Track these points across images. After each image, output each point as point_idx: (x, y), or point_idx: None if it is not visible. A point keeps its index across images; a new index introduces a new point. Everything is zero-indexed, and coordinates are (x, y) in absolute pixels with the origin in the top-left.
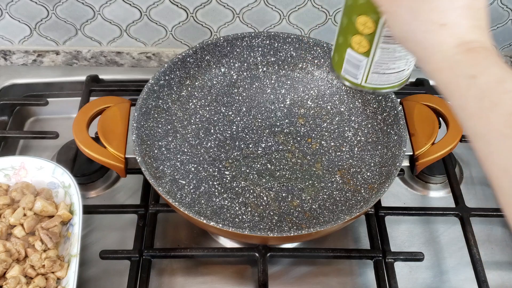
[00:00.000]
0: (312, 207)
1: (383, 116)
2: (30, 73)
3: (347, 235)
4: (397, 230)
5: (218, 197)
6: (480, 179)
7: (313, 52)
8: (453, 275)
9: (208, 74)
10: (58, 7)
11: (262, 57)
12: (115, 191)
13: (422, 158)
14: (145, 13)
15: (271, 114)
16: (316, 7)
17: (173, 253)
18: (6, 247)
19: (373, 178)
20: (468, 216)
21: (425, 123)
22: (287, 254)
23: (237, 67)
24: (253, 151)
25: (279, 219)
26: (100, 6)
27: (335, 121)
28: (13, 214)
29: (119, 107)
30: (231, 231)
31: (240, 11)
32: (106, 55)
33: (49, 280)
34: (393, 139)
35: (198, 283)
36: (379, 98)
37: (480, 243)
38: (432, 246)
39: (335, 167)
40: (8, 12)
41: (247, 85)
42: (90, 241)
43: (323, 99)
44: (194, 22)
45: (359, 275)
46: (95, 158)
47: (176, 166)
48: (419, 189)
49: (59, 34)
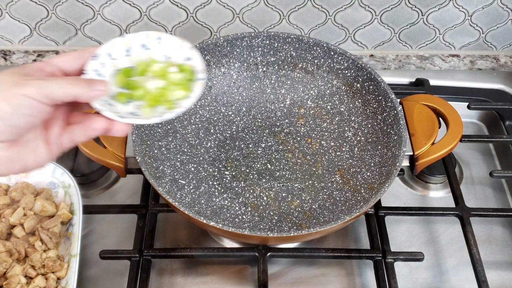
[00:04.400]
0: (312, 207)
1: (383, 116)
2: None
3: (347, 235)
4: (397, 230)
5: (218, 197)
6: (480, 179)
7: (313, 52)
8: (453, 275)
9: (208, 74)
10: (58, 7)
11: (262, 57)
12: (115, 191)
13: (422, 158)
14: (145, 13)
15: (271, 114)
16: (316, 7)
17: (173, 253)
18: (6, 247)
19: (373, 178)
20: (468, 216)
21: (425, 123)
22: (287, 254)
23: (237, 67)
24: (253, 151)
25: (279, 219)
26: (100, 6)
27: (335, 121)
28: (13, 214)
29: None
30: (231, 231)
31: (240, 11)
32: None
33: (49, 280)
34: (393, 139)
35: (198, 283)
36: (379, 98)
37: (480, 243)
38: (432, 246)
39: (335, 167)
40: (8, 12)
41: (247, 85)
42: (90, 241)
43: (323, 99)
44: (194, 22)
45: (359, 275)
46: (95, 158)
47: (176, 166)
48: (419, 189)
49: (59, 34)
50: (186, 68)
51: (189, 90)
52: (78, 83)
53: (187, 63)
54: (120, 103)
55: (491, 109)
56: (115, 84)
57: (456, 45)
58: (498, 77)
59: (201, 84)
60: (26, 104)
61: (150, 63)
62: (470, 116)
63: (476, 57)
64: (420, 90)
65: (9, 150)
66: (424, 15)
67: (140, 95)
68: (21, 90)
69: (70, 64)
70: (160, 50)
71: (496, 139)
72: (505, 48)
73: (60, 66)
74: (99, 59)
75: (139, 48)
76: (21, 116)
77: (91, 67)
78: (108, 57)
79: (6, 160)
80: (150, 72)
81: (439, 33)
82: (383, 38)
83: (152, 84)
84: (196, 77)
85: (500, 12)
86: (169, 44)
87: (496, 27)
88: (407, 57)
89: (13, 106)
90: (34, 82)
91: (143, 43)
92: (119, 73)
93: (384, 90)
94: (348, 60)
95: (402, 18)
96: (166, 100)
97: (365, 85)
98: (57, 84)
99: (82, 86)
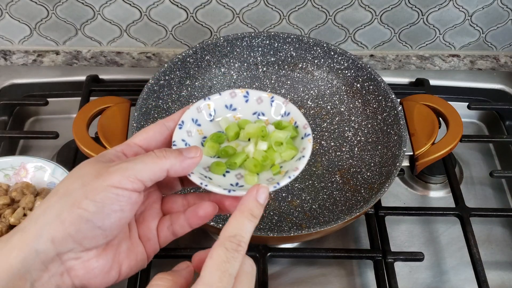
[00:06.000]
0: (312, 207)
1: (383, 116)
2: (30, 73)
3: (347, 235)
4: (397, 230)
5: None
6: (480, 179)
7: (313, 52)
8: (453, 275)
9: (208, 74)
10: (58, 7)
11: (262, 57)
12: None
13: (422, 158)
14: (145, 13)
15: None
16: (316, 7)
17: (173, 253)
18: None
19: (373, 178)
20: (468, 216)
21: (425, 123)
22: (287, 254)
23: (237, 67)
24: None
25: (279, 219)
26: (100, 6)
27: (335, 121)
28: (13, 214)
29: (119, 107)
30: None
31: (240, 11)
32: (106, 55)
33: None
34: (393, 139)
35: None
36: (379, 98)
37: (480, 243)
38: (432, 246)
39: (335, 167)
40: (8, 12)
41: (247, 85)
42: None
43: (323, 99)
44: (194, 22)
45: (359, 275)
46: None
47: None
48: (419, 189)
49: (59, 34)
50: (287, 125)
51: (297, 149)
52: (166, 154)
53: (285, 119)
54: (218, 175)
55: (491, 109)
56: (207, 154)
57: (456, 45)
58: (498, 77)
59: (310, 140)
60: (113, 196)
61: (242, 125)
62: (470, 116)
63: (476, 57)
64: (420, 90)
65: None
66: (424, 15)
67: (241, 162)
68: (104, 181)
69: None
70: (249, 109)
71: (496, 139)
72: (505, 48)
73: (143, 144)
74: (184, 128)
75: (224, 109)
76: (109, 213)
77: (179, 137)
78: (193, 123)
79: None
80: (245, 135)
81: (439, 33)
82: (383, 38)
83: (252, 148)
84: (302, 134)
85: (500, 12)
86: (259, 100)
87: (496, 27)
88: (407, 57)
89: (98, 203)
90: (117, 167)
91: (228, 104)
92: (209, 141)
93: (384, 90)
94: (348, 60)
95: (402, 18)
96: (271, 164)
97: (365, 85)
98: (143, 162)
99: (173, 156)
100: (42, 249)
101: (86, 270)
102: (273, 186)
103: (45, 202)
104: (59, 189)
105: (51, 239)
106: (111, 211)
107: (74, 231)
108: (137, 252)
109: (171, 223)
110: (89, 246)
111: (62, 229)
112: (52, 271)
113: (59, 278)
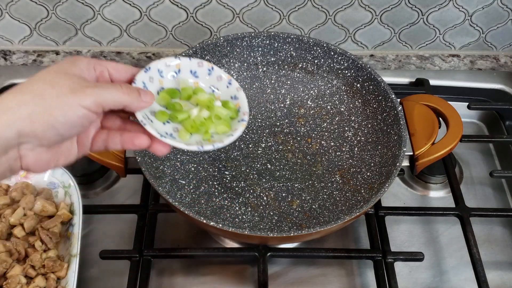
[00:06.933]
0: (312, 207)
1: (383, 116)
2: (30, 73)
3: (347, 235)
4: (397, 230)
5: (218, 197)
6: (480, 179)
7: (313, 52)
8: (453, 275)
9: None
10: (58, 7)
11: (262, 57)
12: (115, 191)
13: (422, 158)
14: (145, 13)
15: (271, 114)
16: (316, 7)
17: (173, 253)
18: (6, 247)
19: (373, 178)
20: (468, 216)
21: (425, 123)
22: (287, 254)
23: (237, 67)
24: (253, 151)
25: (279, 219)
26: (100, 6)
27: (335, 121)
28: (13, 214)
29: None
30: (231, 231)
31: (240, 11)
32: (106, 55)
33: (49, 280)
34: (393, 139)
35: (198, 283)
36: (379, 98)
37: (480, 243)
38: (432, 246)
39: (335, 167)
40: (8, 12)
41: (247, 85)
42: (90, 241)
43: (323, 99)
44: (194, 22)
45: (359, 275)
46: (95, 158)
47: (176, 166)
48: (419, 189)
49: (59, 34)
50: (232, 107)
51: (230, 127)
52: (131, 92)
53: (233, 102)
54: (160, 122)
55: (491, 109)
56: (158, 102)
57: (456, 45)
58: (498, 77)
59: (243, 125)
60: (81, 115)
61: (197, 91)
62: (470, 116)
63: (476, 57)
64: (420, 90)
65: (49, 153)
66: (424, 15)
67: (182, 119)
68: (79, 100)
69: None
70: (208, 81)
71: (496, 139)
72: (505, 48)
73: (112, 73)
74: (148, 73)
75: (188, 73)
76: (72, 127)
77: (141, 78)
78: (158, 73)
79: (44, 162)
80: (195, 100)
81: (439, 33)
82: (383, 38)
83: (196, 112)
84: (240, 118)
85: (500, 12)
86: (218, 78)
87: (496, 27)
88: (407, 57)
89: (66, 117)
90: (92, 91)
91: (193, 70)
92: (164, 92)
93: (384, 90)
94: (348, 60)
95: (402, 18)
96: (205, 130)
97: (365, 85)
98: (111, 93)
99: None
100: (8, 137)
101: (36, 159)
102: (196, 147)
103: (18, 95)
104: (34, 88)
105: (18, 132)
106: (75, 125)
107: (39, 132)
108: (72, 152)
109: (107, 138)
110: (46, 144)
111: (30, 126)
112: (9, 155)
113: (13, 162)
